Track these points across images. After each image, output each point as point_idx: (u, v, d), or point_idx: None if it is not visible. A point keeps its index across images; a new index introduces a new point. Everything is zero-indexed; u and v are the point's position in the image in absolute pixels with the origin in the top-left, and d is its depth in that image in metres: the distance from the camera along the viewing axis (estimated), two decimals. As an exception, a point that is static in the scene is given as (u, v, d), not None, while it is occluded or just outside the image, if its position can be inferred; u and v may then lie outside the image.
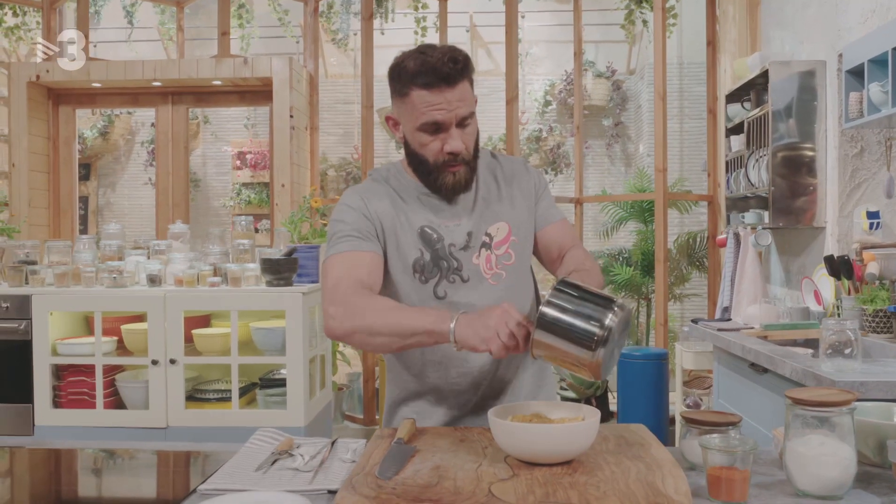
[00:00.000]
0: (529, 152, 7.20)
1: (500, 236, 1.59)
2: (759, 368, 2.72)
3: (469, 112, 1.49)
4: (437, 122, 1.46)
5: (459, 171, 1.52)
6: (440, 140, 1.49)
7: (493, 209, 1.60)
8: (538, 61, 7.61)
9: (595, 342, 1.22)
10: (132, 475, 1.52)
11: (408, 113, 1.49)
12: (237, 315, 3.30)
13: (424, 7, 5.43)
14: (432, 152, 1.50)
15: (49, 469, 1.53)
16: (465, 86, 1.47)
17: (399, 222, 1.56)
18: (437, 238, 1.56)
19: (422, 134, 1.49)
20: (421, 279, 1.55)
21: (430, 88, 1.44)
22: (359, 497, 1.12)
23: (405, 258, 1.55)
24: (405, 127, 1.53)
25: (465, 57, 1.47)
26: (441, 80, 1.43)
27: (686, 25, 6.55)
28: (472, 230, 1.57)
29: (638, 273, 5.45)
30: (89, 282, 3.40)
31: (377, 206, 1.57)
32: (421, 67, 1.44)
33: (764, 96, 3.78)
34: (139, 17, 6.85)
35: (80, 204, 8.04)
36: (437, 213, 1.57)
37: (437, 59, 1.43)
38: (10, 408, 3.37)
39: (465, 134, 1.50)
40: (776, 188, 3.57)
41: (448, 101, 1.45)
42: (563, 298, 1.26)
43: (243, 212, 7.90)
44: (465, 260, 1.56)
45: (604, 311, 1.24)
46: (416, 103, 1.46)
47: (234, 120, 8.13)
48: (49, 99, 5.21)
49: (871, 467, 1.36)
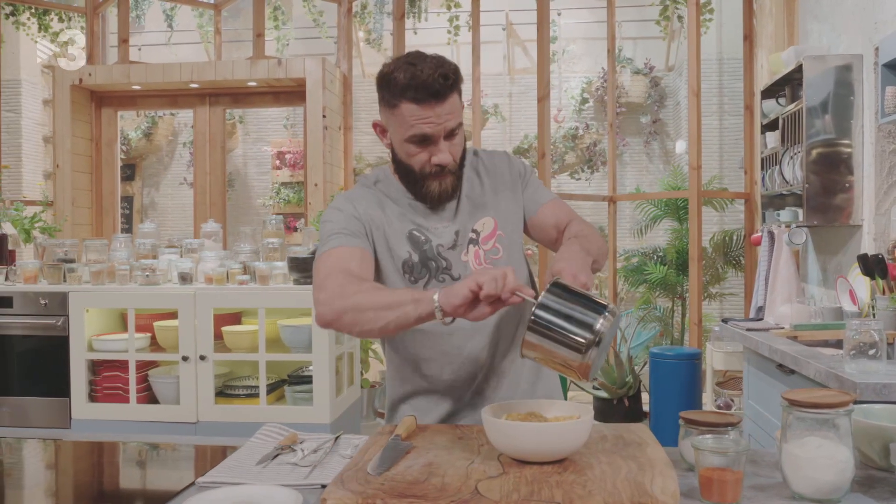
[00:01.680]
0: (565, 150, 7.16)
1: (487, 231, 1.60)
2: (786, 369, 2.67)
3: (457, 124, 1.50)
4: (426, 135, 1.48)
5: (445, 181, 1.54)
6: (428, 152, 1.50)
7: (478, 205, 1.61)
8: (575, 59, 7.55)
9: (585, 346, 1.22)
10: (141, 467, 1.56)
11: (396, 124, 1.50)
12: (265, 312, 3.35)
13: (457, 6, 5.44)
14: (419, 163, 1.52)
15: (76, 460, 1.58)
16: (454, 99, 1.48)
17: (388, 224, 1.58)
18: (424, 240, 1.58)
19: (410, 145, 1.50)
20: (411, 279, 1.57)
21: (419, 103, 1.44)
22: (346, 492, 1.13)
23: (395, 259, 1.57)
24: (393, 136, 1.54)
25: (454, 71, 1.48)
26: (431, 95, 1.44)
27: (726, 20, 6.43)
28: (459, 229, 1.59)
29: (672, 272, 5.37)
30: (123, 279, 3.49)
31: (365, 208, 1.59)
32: (411, 81, 1.43)
33: (799, 92, 3.70)
34: (180, 20, 7.00)
35: (125, 203, 8.28)
36: (424, 217, 1.59)
37: (428, 74, 1.43)
38: (48, 401, 3.48)
39: (452, 145, 1.52)
40: (810, 185, 3.49)
41: (437, 115, 1.46)
42: (555, 301, 1.26)
43: (282, 211, 8.03)
44: (454, 259, 1.58)
45: (594, 316, 1.24)
46: (406, 116, 1.47)
47: (273, 120, 8.26)
48: (92, 101, 5.36)
49: (877, 471, 1.33)
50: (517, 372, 1.65)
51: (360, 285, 1.42)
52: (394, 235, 1.57)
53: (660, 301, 5.82)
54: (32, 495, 1.37)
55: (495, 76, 7.58)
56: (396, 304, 1.34)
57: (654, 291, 5.52)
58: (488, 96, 7.43)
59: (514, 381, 1.64)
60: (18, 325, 3.50)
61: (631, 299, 6.32)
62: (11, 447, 1.61)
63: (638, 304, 5.81)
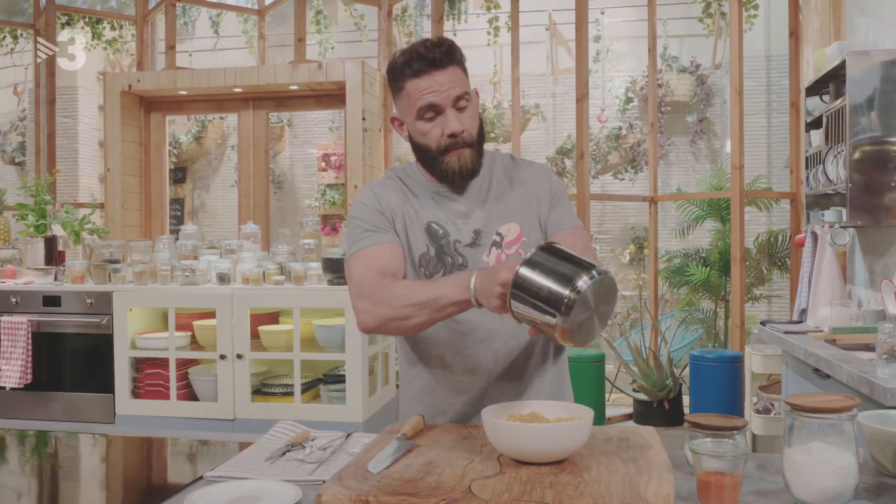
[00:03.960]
0: (609, 150, 7.09)
1: (512, 236, 1.59)
2: (821, 374, 2.60)
3: (463, 92, 1.52)
4: (432, 104, 1.50)
5: (464, 154, 1.54)
6: (439, 125, 1.52)
7: (505, 209, 1.61)
8: (620, 58, 7.47)
9: (564, 305, 1.18)
10: (159, 461, 1.61)
11: (406, 105, 1.54)
12: (299, 312, 3.41)
13: (496, 7, 5.43)
14: (434, 139, 1.53)
15: (111, 454, 1.64)
16: (455, 70, 1.52)
17: (408, 216, 1.59)
18: (442, 234, 1.58)
19: (421, 122, 1.53)
20: (425, 273, 1.58)
21: (420, 75, 1.50)
22: (341, 488, 1.15)
23: (413, 252, 1.58)
24: (407, 122, 1.57)
25: (449, 42, 1.53)
26: (429, 64, 1.49)
27: (774, 16, 6.29)
28: (482, 228, 1.59)
29: (715, 273, 5.27)
30: (164, 279, 3.60)
31: (389, 199, 1.60)
32: (408, 57, 1.51)
33: (843, 89, 3.60)
34: (228, 26, 7.16)
35: (176, 205, 8.50)
36: (445, 210, 1.60)
37: (422, 45, 1.51)
38: (93, 397, 3.60)
39: (463, 117, 1.53)
40: (854, 185, 3.39)
41: (439, 84, 1.49)
42: (540, 259, 1.24)
43: (328, 212, 8.14)
44: (473, 257, 1.58)
45: (578, 275, 1.20)
46: (411, 92, 1.51)
47: (320, 123, 8.38)
48: (141, 107, 5.52)
49: (889, 478, 1.29)
50: (531, 387, 1.64)
51: (395, 287, 1.44)
52: (413, 227, 1.58)
53: (703, 303, 5.72)
54: (72, 487, 1.43)
55: (539, 76, 7.55)
56: (439, 303, 1.37)
57: (697, 293, 5.43)
58: (531, 96, 7.40)
59: (538, 389, 1.64)
60: (66, 324, 3.63)
61: (673, 301, 6.23)
62: (61, 441, 1.68)
63: (680, 306, 5.72)
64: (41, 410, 3.63)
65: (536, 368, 1.66)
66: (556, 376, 1.69)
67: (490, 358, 1.60)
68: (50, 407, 3.63)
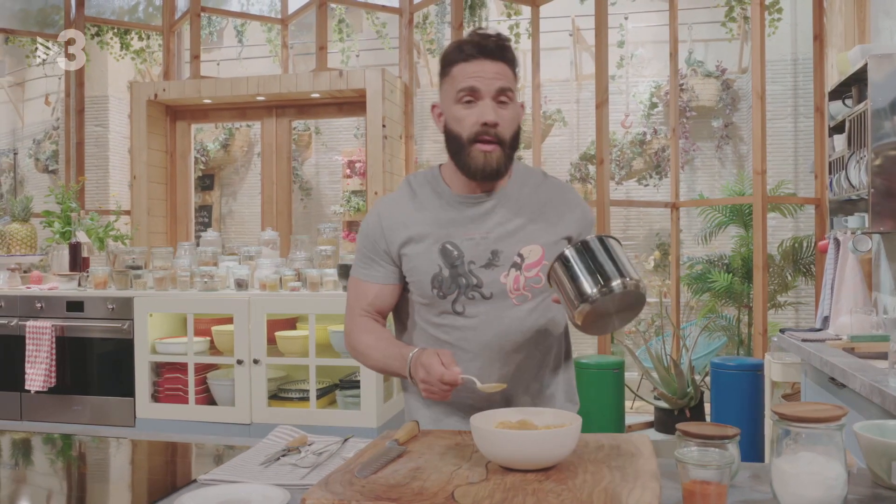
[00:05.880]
0: (633, 156, 7.04)
1: (532, 259, 1.56)
2: (837, 383, 2.56)
3: (507, 87, 1.50)
4: (473, 87, 1.49)
5: (492, 153, 1.51)
6: (475, 112, 1.50)
7: (530, 231, 1.57)
8: (644, 63, 7.43)
9: (592, 296, 1.31)
10: (171, 464, 1.63)
11: (448, 89, 1.53)
12: (315, 318, 3.44)
13: (517, 14, 5.44)
14: (468, 127, 1.51)
15: (123, 456, 1.67)
16: (505, 67, 1.51)
17: (420, 236, 1.57)
18: (457, 255, 1.55)
19: (458, 107, 1.51)
20: (439, 294, 1.56)
21: (469, 60, 1.49)
22: (326, 493, 1.16)
23: (425, 271, 1.57)
24: (445, 108, 1.55)
25: (506, 40, 1.53)
26: (480, 51, 1.49)
27: (800, 19, 6.21)
28: (501, 249, 1.56)
29: (737, 280, 5.21)
30: (184, 286, 3.65)
31: (394, 220, 1.59)
32: (463, 43, 1.51)
33: (865, 93, 3.54)
34: (253, 35, 7.26)
35: (204, 212, 8.63)
36: (462, 223, 1.57)
37: (481, 35, 1.51)
38: (115, 400, 3.66)
39: (500, 111, 1.50)
40: (876, 190, 3.33)
41: (486, 71, 1.49)
42: (589, 249, 1.35)
43: (353, 218, 8.20)
44: (489, 278, 1.55)
45: (615, 276, 1.32)
46: (456, 75, 1.51)
47: (345, 130, 8.44)
48: (167, 115, 5.62)
49: (885, 490, 1.27)
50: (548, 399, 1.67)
51: (363, 336, 1.62)
52: (426, 246, 1.56)
53: (726, 310, 5.65)
54: (80, 488, 1.46)
55: (562, 82, 7.54)
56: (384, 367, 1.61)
57: (720, 300, 5.36)
58: (554, 102, 7.39)
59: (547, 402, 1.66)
60: (89, 329, 3.71)
61: (698, 308, 6.16)
62: (83, 444, 1.72)
63: (702, 313, 5.66)
64: (64, 413, 3.70)
65: (543, 387, 1.66)
66: (564, 392, 1.69)
67: (493, 371, 1.58)
68: (73, 410, 3.70)
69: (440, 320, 1.59)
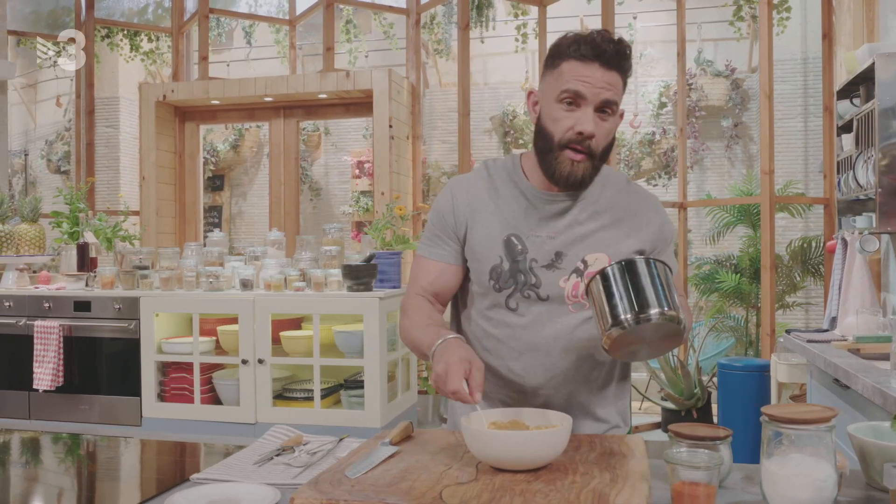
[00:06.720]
0: (642, 156, 7.02)
1: (597, 267, 1.49)
2: (841, 384, 2.54)
3: (614, 100, 1.44)
4: (579, 92, 1.42)
5: (579, 164, 1.46)
6: (573, 118, 1.44)
7: (600, 237, 1.52)
8: (653, 62, 7.39)
9: (614, 324, 1.25)
10: (173, 464, 1.64)
11: (553, 82, 1.46)
12: (319, 318, 3.45)
13: (525, 14, 5.43)
14: (562, 129, 1.45)
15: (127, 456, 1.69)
16: (616, 76, 1.44)
17: (487, 223, 1.54)
18: (520, 250, 1.52)
19: (558, 106, 1.45)
20: (496, 287, 1.53)
21: (583, 60, 1.42)
22: (314, 492, 1.17)
23: (486, 259, 1.54)
24: (544, 101, 1.49)
25: (626, 47, 1.45)
26: (596, 55, 1.41)
27: (810, 17, 6.16)
28: (565, 252, 1.51)
29: (745, 280, 5.18)
30: (190, 286, 3.67)
31: (467, 200, 1.56)
32: (581, 39, 1.43)
33: (873, 92, 3.51)
34: (261, 36, 7.28)
35: (214, 213, 8.66)
36: (533, 219, 1.53)
37: (601, 36, 1.42)
38: (121, 399, 3.69)
39: (600, 123, 1.45)
40: (883, 190, 3.31)
41: (596, 79, 1.41)
42: (633, 271, 1.28)
43: (362, 218, 8.21)
44: (549, 280, 1.51)
45: (652, 306, 1.25)
46: (564, 71, 1.44)
47: (354, 130, 8.46)
48: (175, 116, 5.65)
49: (878, 492, 1.26)
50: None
51: (413, 313, 1.57)
52: (490, 235, 1.53)
53: (734, 310, 5.62)
54: (81, 487, 1.47)
55: (571, 82, 7.50)
56: (416, 344, 1.54)
57: (728, 300, 5.33)
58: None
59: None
60: (96, 328, 3.74)
61: (707, 308, 6.13)
62: (89, 443, 1.74)
63: (710, 314, 5.63)
64: (72, 412, 3.73)
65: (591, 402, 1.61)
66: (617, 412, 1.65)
67: (537, 374, 1.54)
68: (80, 409, 3.73)
69: (492, 314, 1.56)
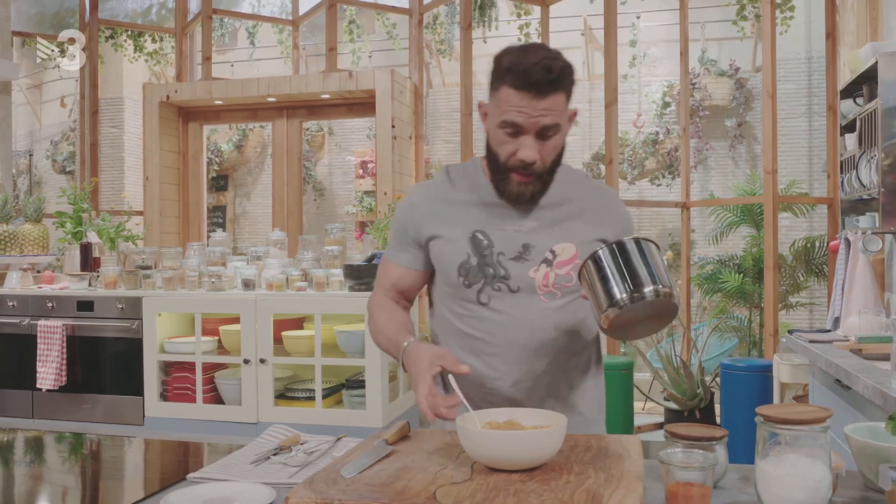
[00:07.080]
0: (646, 156, 7.00)
1: (565, 256, 1.53)
2: (842, 384, 2.53)
3: (553, 123, 1.43)
4: (516, 124, 1.43)
5: (527, 185, 1.49)
6: (516, 144, 1.45)
7: (566, 228, 1.55)
8: (657, 62, 7.38)
9: (610, 305, 1.27)
10: (159, 463, 1.65)
11: (494, 106, 1.47)
12: (321, 318, 3.45)
13: (527, 13, 5.43)
14: (505, 153, 1.47)
15: (125, 454, 1.69)
16: (556, 98, 1.42)
17: (450, 224, 1.56)
18: (487, 244, 1.53)
19: (500, 132, 1.46)
20: (465, 283, 1.55)
21: (517, 90, 1.40)
22: (309, 492, 1.17)
23: (453, 258, 1.55)
24: (490, 119, 1.50)
25: (561, 68, 1.41)
26: (530, 85, 1.39)
27: (814, 17, 6.15)
28: (533, 243, 1.53)
29: (748, 280, 5.16)
30: (192, 285, 3.68)
31: (428, 209, 1.59)
32: (513, 67, 1.40)
33: (876, 91, 3.50)
34: (264, 37, 7.29)
35: (218, 213, 8.68)
36: (496, 215, 1.55)
37: (532, 63, 1.39)
38: (124, 399, 3.70)
39: (544, 146, 1.46)
40: (886, 190, 3.29)
41: (532, 108, 1.40)
42: (625, 250, 1.30)
43: (365, 218, 8.21)
44: (518, 271, 1.53)
45: (648, 283, 1.26)
46: (502, 100, 1.43)
47: (357, 131, 8.46)
48: (179, 117, 5.66)
49: (875, 492, 1.26)
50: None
51: (379, 315, 1.63)
52: (455, 233, 1.55)
53: (737, 310, 5.61)
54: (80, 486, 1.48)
55: (574, 82, 7.50)
56: (387, 350, 1.61)
57: (731, 300, 5.32)
58: (566, 101, 7.35)
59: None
60: (99, 328, 3.75)
61: (711, 308, 6.12)
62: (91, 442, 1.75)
63: (713, 314, 5.62)
64: (75, 411, 3.74)
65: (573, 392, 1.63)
66: (595, 399, 1.69)
67: (515, 368, 1.55)
68: (83, 408, 3.74)
69: (464, 311, 1.57)
